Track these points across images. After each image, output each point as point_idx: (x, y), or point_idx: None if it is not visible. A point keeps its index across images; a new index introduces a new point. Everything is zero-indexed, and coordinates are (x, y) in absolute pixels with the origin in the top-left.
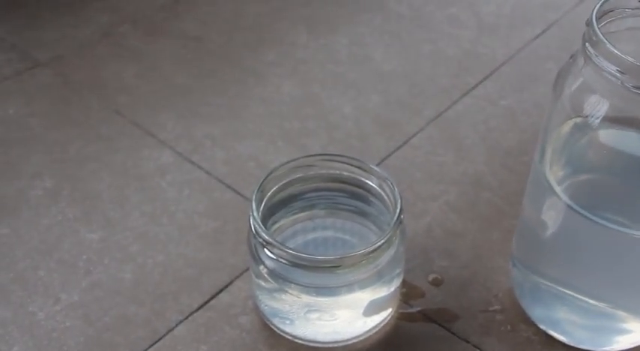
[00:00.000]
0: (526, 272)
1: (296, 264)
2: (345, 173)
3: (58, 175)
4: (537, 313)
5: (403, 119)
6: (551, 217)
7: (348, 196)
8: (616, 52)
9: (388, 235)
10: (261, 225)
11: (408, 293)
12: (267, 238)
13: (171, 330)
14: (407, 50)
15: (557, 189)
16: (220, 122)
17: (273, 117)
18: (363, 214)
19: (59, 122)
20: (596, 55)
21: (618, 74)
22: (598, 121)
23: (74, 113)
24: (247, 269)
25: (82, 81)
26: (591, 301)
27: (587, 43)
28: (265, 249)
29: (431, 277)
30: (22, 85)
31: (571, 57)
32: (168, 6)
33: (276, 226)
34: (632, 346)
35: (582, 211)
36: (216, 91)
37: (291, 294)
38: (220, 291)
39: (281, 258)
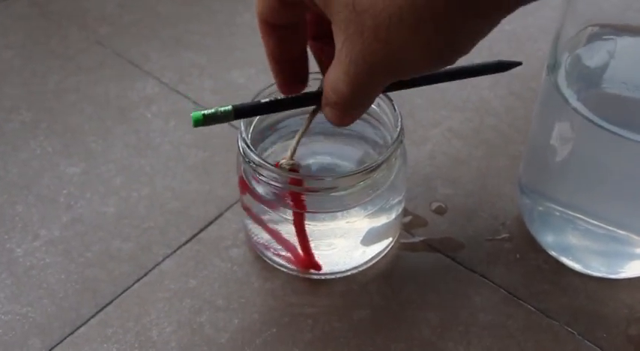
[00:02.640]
0: (536, 198)
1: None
2: None
3: (35, 108)
4: (548, 240)
5: None
6: (563, 134)
7: None
8: None
9: (387, 155)
10: (251, 146)
11: (410, 223)
12: (256, 158)
13: (158, 264)
14: None
15: (573, 100)
16: (208, 51)
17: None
18: (363, 138)
19: (37, 54)
20: None
21: None
22: (615, 23)
23: (52, 44)
24: (238, 201)
25: (61, 11)
26: (603, 225)
27: None
28: (256, 172)
29: (434, 205)
30: None
31: None
32: None
33: (268, 152)
34: None
35: (598, 121)
36: (202, 19)
37: (285, 221)
38: (210, 223)
39: (272, 181)
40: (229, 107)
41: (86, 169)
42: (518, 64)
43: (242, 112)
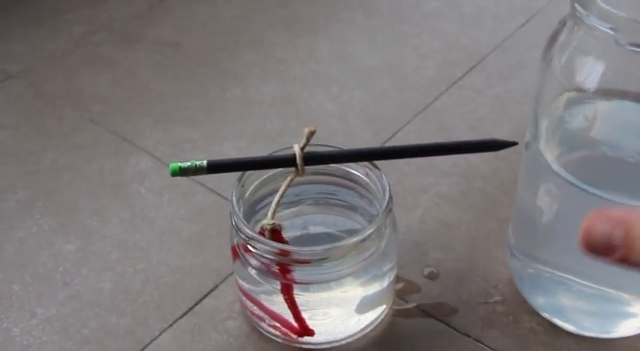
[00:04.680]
0: (525, 260)
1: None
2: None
3: (31, 187)
4: (540, 302)
5: (389, 113)
6: (549, 197)
7: (335, 188)
8: (608, 8)
9: (378, 224)
10: (243, 220)
11: (403, 289)
12: (249, 232)
13: (154, 339)
14: (389, 45)
15: (555, 165)
16: (199, 125)
17: (253, 117)
18: (353, 209)
19: (32, 133)
20: (587, 15)
21: (612, 32)
22: (592, 89)
23: (47, 124)
24: (232, 273)
25: (55, 91)
26: (594, 285)
27: (576, 4)
28: (249, 245)
29: (426, 270)
30: None
31: (559, 22)
32: (142, 13)
33: (260, 224)
34: (639, 330)
35: (582, 185)
36: (194, 94)
37: (278, 292)
38: (205, 296)
39: (266, 254)
40: (204, 161)
41: (82, 246)
42: (514, 144)
43: (216, 167)
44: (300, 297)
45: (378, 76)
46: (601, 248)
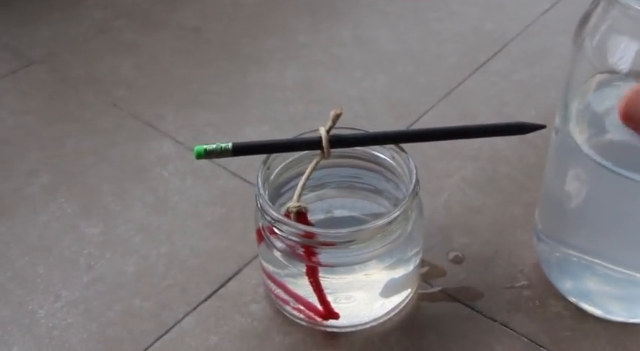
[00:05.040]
0: (553, 245)
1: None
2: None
3: (55, 171)
4: (567, 287)
5: (412, 98)
6: (578, 181)
7: (360, 171)
8: None
9: (404, 207)
10: (269, 202)
11: (428, 273)
12: (275, 214)
13: (179, 322)
14: (413, 30)
15: (585, 147)
16: (222, 110)
17: (276, 102)
18: (378, 192)
19: (55, 118)
20: None
21: None
22: (626, 70)
23: (70, 109)
24: (256, 256)
25: (78, 76)
26: (622, 270)
27: None
28: (274, 228)
29: (451, 255)
30: (16, 84)
31: (592, 3)
32: None
33: (286, 207)
34: None
35: (611, 166)
36: (216, 79)
37: (302, 275)
38: (229, 280)
39: (291, 236)
40: (229, 144)
41: (105, 229)
42: (542, 127)
43: (241, 149)
44: (325, 280)
45: (400, 61)
46: None
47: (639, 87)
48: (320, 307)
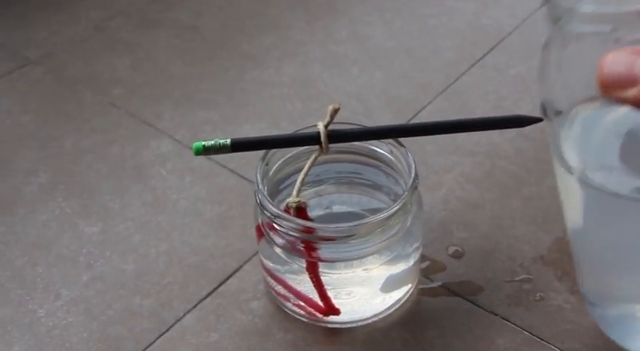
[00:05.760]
0: (608, 304)
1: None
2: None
3: (53, 170)
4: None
5: (409, 94)
6: (617, 226)
7: (359, 167)
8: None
9: (403, 201)
10: (268, 198)
11: (428, 268)
12: (274, 210)
13: (179, 319)
14: (409, 26)
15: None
16: (219, 107)
17: (274, 99)
18: (377, 187)
19: (53, 118)
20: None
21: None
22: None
23: (68, 108)
24: (256, 253)
25: (75, 76)
26: None
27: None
28: (274, 223)
29: (451, 249)
30: (13, 84)
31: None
32: None
33: (285, 202)
34: None
35: None
36: (213, 77)
37: (303, 271)
38: (229, 277)
39: (291, 232)
40: (228, 140)
41: (104, 228)
42: (539, 120)
43: (240, 145)
44: (326, 275)
45: (397, 57)
46: (621, 80)
47: (612, 51)
48: (321, 303)
